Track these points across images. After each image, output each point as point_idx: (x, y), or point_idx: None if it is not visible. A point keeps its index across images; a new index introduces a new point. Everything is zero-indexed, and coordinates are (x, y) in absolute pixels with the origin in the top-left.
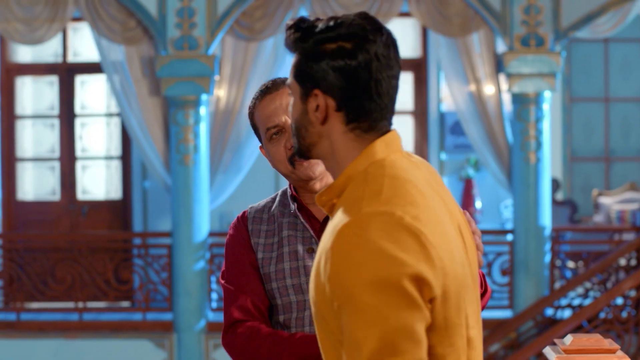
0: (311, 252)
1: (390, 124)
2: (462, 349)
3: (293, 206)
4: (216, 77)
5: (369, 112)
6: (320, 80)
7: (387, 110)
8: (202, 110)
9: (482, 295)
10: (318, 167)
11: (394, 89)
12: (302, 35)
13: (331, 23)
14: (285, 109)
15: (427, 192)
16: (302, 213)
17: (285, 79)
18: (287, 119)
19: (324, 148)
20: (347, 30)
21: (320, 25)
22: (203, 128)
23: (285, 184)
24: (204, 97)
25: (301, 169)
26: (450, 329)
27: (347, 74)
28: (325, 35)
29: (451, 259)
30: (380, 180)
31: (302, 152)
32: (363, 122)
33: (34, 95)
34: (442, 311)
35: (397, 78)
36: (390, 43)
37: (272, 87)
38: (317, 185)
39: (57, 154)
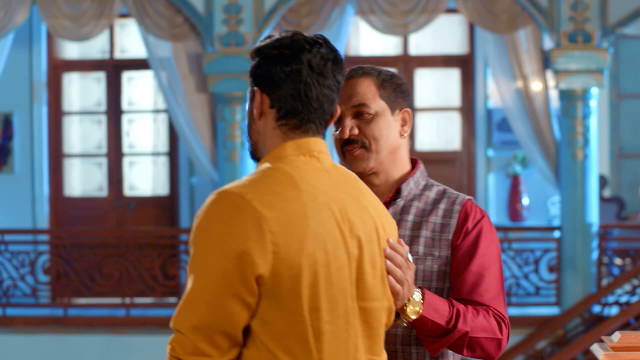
0: None
1: (319, 130)
2: (304, 337)
3: None
4: None
5: (296, 112)
6: (260, 80)
7: (315, 114)
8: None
9: (450, 331)
10: (363, 163)
11: (326, 97)
12: (260, 47)
13: (278, 35)
14: (346, 98)
15: (311, 192)
16: None
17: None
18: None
19: (261, 146)
20: (289, 41)
21: (272, 37)
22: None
23: None
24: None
25: (346, 162)
26: (283, 311)
27: (282, 75)
28: (272, 44)
29: (297, 250)
30: (263, 170)
31: (252, 152)
32: (291, 120)
33: (81, 92)
34: (271, 290)
35: (331, 89)
36: (331, 58)
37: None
38: (376, 180)
39: (104, 150)
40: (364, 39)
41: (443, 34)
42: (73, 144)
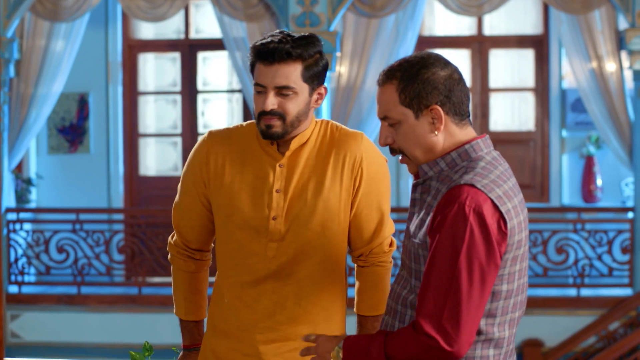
0: None
1: None
2: None
3: None
4: (338, 54)
5: None
6: None
7: None
8: None
9: None
10: (409, 168)
11: None
12: None
13: None
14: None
15: None
16: None
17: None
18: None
19: None
20: None
21: None
22: (324, 104)
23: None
24: None
25: None
26: None
27: None
28: None
29: None
30: None
31: None
32: None
33: (156, 72)
34: None
35: None
36: None
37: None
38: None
39: (179, 129)
40: (438, 20)
41: (517, 14)
42: (148, 123)
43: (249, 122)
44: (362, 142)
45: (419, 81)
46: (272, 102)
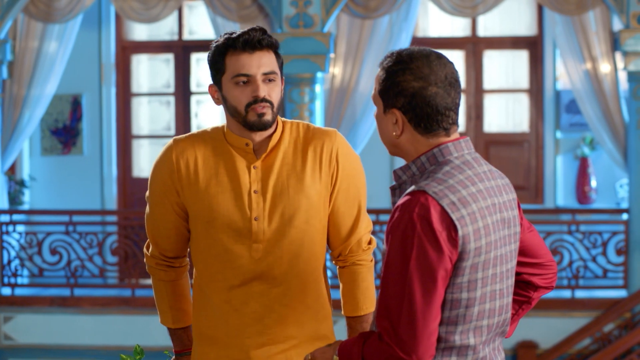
0: None
1: None
2: None
3: None
4: (331, 55)
5: None
6: None
7: None
8: (317, 88)
9: None
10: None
11: None
12: None
13: None
14: None
15: None
16: None
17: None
18: None
19: None
20: None
21: None
22: (318, 106)
23: (399, 162)
24: (319, 74)
25: None
26: None
27: None
28: None
29: None
30: None
31: None
32: None
33: (150, 73)
34: None
35: None
36: None
37: None
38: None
39: (172, 131)
40: (432, 21)
41: (512, 16)
42: (141, 125)
43: (212, 127)
44: (336, 138)
45: (390, 80)
46: (263, 88)
